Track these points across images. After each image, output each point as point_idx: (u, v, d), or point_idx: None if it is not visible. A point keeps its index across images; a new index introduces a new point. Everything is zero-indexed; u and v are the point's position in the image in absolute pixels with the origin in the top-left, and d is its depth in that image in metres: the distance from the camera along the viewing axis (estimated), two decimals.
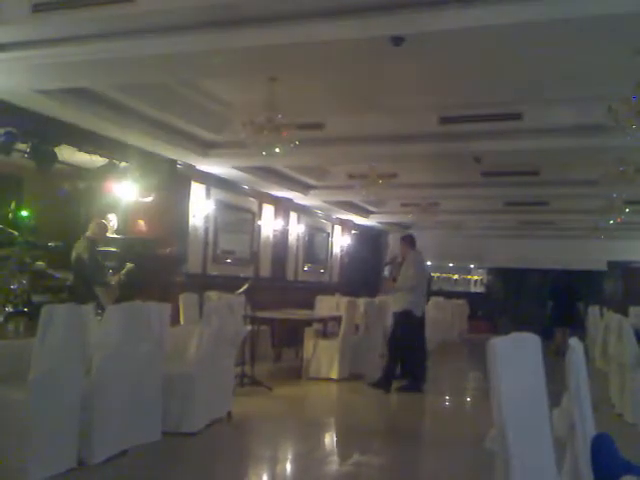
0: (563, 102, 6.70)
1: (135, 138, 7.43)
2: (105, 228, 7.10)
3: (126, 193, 8.07)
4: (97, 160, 7.66)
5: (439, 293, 16.37)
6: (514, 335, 2.33)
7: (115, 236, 7.75)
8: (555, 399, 2.49)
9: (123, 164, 7.82)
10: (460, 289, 19.41)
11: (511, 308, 18.41)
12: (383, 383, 7.75)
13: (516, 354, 2.23)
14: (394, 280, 8.17)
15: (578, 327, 12.42)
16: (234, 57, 4.99)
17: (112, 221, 7.51)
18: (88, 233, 6.93)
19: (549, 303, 18.20)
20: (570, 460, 2.40)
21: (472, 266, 20.13)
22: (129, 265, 7.23)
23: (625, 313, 10.22)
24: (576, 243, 17.08)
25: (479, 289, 20.15)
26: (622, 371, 6.66)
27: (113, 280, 7.09)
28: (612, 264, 17.78)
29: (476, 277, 20.30)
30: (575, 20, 4.18)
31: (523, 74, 6.05)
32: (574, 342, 2.28)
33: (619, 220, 11.89)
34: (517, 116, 6.90)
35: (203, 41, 4.70)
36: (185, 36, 4.68)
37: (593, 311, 11.58)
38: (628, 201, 10.43)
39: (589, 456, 2.31)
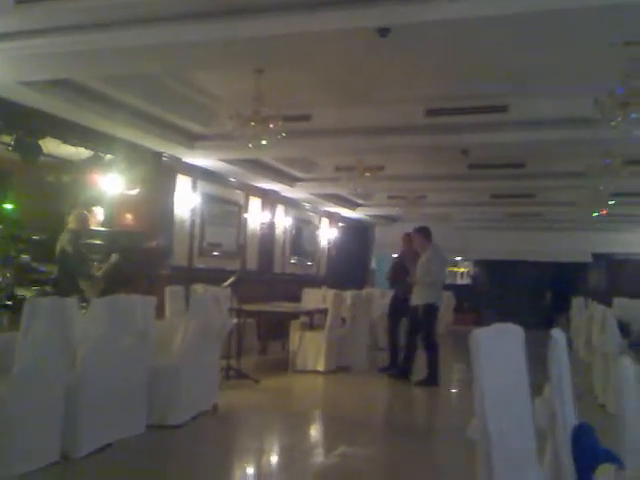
0: (548, 94, 6.73)
1: (121, 130, 7.38)
2: (86, 219, 7.02)
3: (112, 186, 8.02)
4: (82, 152, 7.60)
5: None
6: (496, 326, 2.34)
7: (100, 229, 7.70)
8: (538, 389, 2.51)
9: (108, 156, 7.76)
10: (446, 281, 19.45)
11: (497, 300, 18.52)
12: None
13: (498, 345, 2.25)
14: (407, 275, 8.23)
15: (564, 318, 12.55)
16: (219, 49, 4.96)
17: (98, 214, 7.45)
18: (70, 225, 6.87)
19: (548, 294, 18.43)
20: (551, 449, 2.42)
21: (458, 258, 20.21)
22: (114, 256, 7.18)
23: (609, 304, 10.32)
24: (562, 235, 17.20)
25: (465, 281, 20.25)
26: (605, 361, 6.73)
27: (98, 273, 7.05)
28: (597, 256, 17.93)
29: (462, 269, 20.40)
30: (562, 11, 4.19)
31: (509, 66, 6.07)
32: (556, 332, 2.30)
33: (604, 212, 11.99)
34: (503, 108, 6.92)
35: (187, 32, 4.67)
36: (169, 27, 4.65)
37: (578, 302, 11.69)
38: (613, 193, 10.49)
39: (570, 445, 2.33)
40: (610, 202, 10.86)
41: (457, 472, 4.43)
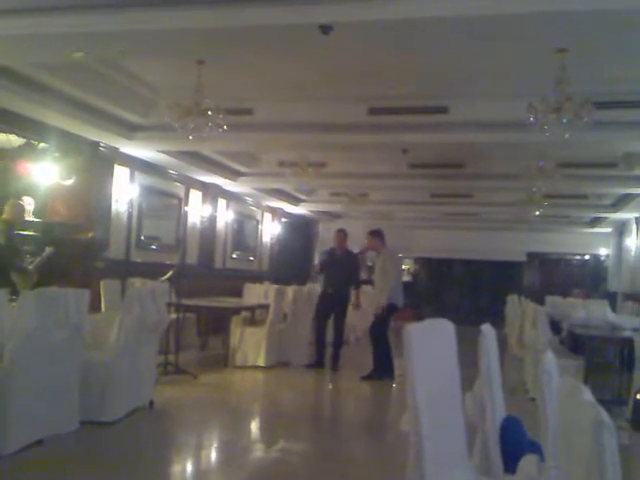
0: (487, 97, 6.88)
1: (55, 118, 7.12)
2: (22, 210, 6.79)
3: (45, 175, 7.75)
4: (14, 140, 7.32)
5: (366, 282, 16.61)
6: (429, 321, 2.39)
7: (33, 219, 7.44)
8: (469, 383, 2.58)
9: (42, 145, 7.50)
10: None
11: (436, 297, 18.93)
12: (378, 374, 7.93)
13: (430, 339, 2.29)
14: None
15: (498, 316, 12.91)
16: (159, 38, 4.87)
17: (29, 204, 7.19)
18: (4, 216, 6.62)
19: (484, 292, 19.05)
20: (480, 441, 2.50)
21: (400, 255, 20.50)
22: (48, 249, 6.96)
23: (542, 302, 10.70)
24: (498, 235, 17.70)
25: (406, 278, 20.57)
26: (536, 357, 6.97)
27: (31, 265, 6.81)
28: (531, 255, 18.54)
29: (403, 267, 20.72)
30: (500, 17, 4.32)
31: (449, 68, 6.18)
32: (485, 327, 2.37)
33: (537, 213, 12.40)
34: (443, 110, 7.04)
35: (127, 21, 4.57)
36: (108, 15, 4.54)
37: (511, 300, 12.04)
38: (547, 195, 10.85)
39: (498, 437, 2.41)
40: (544, 203, 11.22)
41: (393, 465, 4.50)
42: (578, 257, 18.85)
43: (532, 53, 5.45)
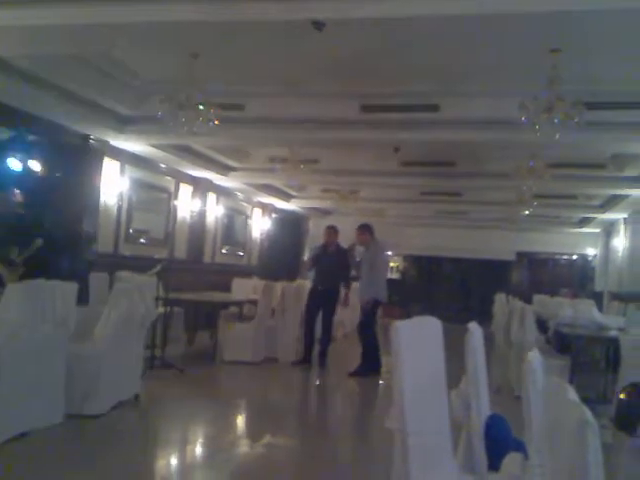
0: (478, 96, 6.90)
1: (46, 110, 7.07)
2: (9, 202, 6.74)
3: (34, 167, 7.69)
4: (3, 132, 7.26)
5: (355, 278, 16.61)
6: (417, 319, 2.40)
7: (21, 211, 7.38)
8: (457, 381, 2.59)
9: (32, 137, 7.44)
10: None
11: (425, 295, 18.97)
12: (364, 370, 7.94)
13: (418, 336, 2.30)
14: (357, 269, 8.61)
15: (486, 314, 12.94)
16: (152, 31, 4.84)
17: (16, 195, 7.14)
18: None
19: (472, 290, 19.26)
20: (465, 438, 2.51)
21: (389, 253, 20.53)
22: (37, 241, 6.91)
23: (530, 301, 10.75)
24: (488, 234, 17.76)
25: (394, 275, 20.59)
26: (522, 355, 6.99)
27: (18, 257, 6.76)
28: (520, 254, 18.63)
29: (392, 264, 20.74)
30: (495, 16, 4.33)
31: (442, 66, 6.19)
32: (472, 325, 2.38)
33: (526, 212, 12.45)
34: (434, 108, 7.04)
35: (121, 13, 4.54)
36: (101, 6, 4.51)
37: (499, 298, 12.07)
38: (537, 195, 10.90)
39: (483, 435, 2.42)
40: (534, 203, 11.25)
41: (379, 461, 4.51)
42: (566, 257, 18.96)
43: (525, 52, 5.46)
